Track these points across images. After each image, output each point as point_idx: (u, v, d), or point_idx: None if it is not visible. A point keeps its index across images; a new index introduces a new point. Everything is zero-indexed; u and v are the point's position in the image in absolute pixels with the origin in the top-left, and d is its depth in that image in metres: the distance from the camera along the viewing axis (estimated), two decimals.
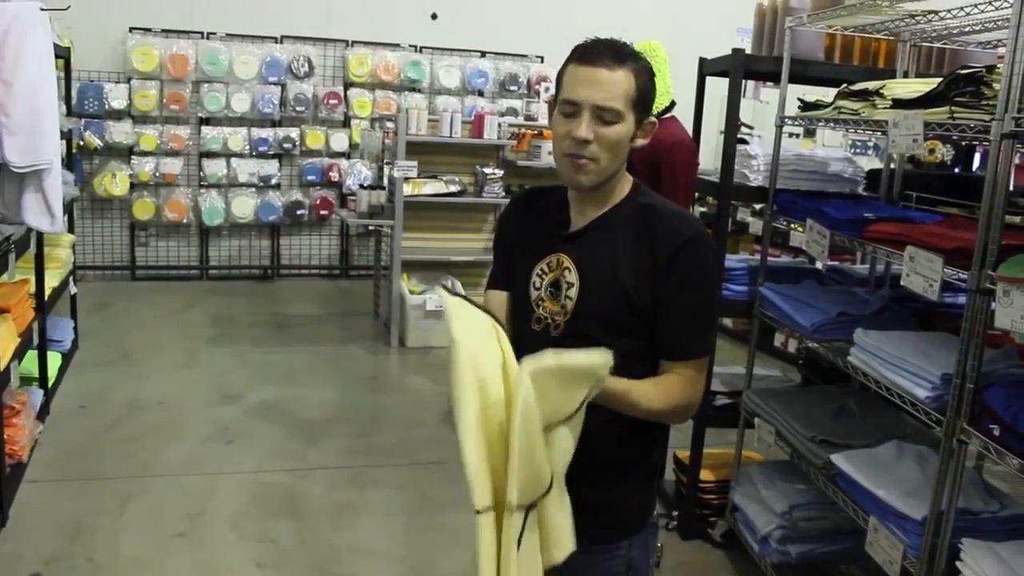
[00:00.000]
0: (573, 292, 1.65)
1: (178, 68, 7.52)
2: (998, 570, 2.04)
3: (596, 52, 1.60)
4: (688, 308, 1.63)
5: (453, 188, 6.33)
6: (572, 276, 1.66)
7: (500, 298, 1.83)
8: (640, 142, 1.67)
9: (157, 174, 7.69)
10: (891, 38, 3.40)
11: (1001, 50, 3.20)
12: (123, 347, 5.80)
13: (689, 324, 1.64)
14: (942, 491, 2.21)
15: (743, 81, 3.52)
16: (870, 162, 5.33)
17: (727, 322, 6.42)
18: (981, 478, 2.54)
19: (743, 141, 3.74)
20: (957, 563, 2.15)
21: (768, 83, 6.55)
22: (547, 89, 7.10)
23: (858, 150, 7.35)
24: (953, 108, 2.25)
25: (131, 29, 7.60)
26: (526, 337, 1.70)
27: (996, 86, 2.07)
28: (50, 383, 4.61)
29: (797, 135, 7.64)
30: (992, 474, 2.88)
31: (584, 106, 1.58)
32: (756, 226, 6.81)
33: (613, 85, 1.58)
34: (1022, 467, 1.93)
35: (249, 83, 7.80)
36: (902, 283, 2.37)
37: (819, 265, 3.81)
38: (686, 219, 1.67)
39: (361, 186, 6.74)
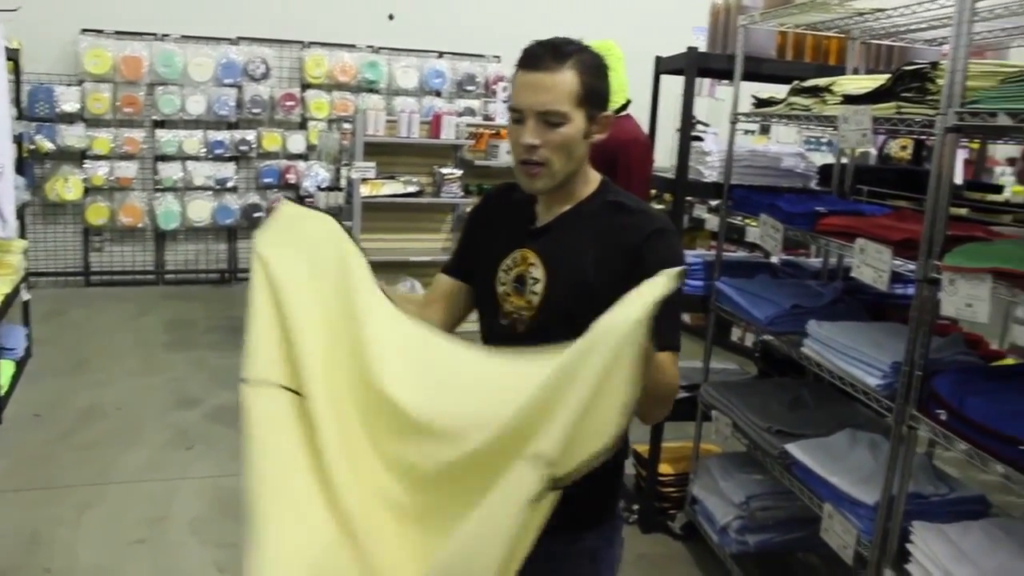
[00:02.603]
0: (539, 287, 1.64)
1: (131, 70, 7.41)
2: (946, 550, 2.09)
3: (537, 55, 1.59)
4: None
5: (411, 189, 6.30)
6: (538, 271, 1.66)
7: (444, 282, 1.85)
8: (597, 137, 1.66)
9: (111, 178, 7.57)
10: (841, 36, 3.47)
11: (945, 47, 3.28)
12: (78, 354, 5.71)
13: (661, 313, 1.61)
14: (893, 476, 2.26)
15: (699, 79, 3.56)
16: (824, 158, 5.40)
17: (685, 317, 6.49)
18: (931, 463, 2.61)
19: (698, 138, 3.79)
20: (908, 545, 2.20)
21: (724, 81, 6.63)
22: (504, 89, 7.11)
23: (812, 146, 7.45)
24: (900, 103, 2.31)
25: (83, 31, 7.48)
26: (494, 332, 1.72)
27: (940, 82, 2.12)
28: (3, 392, 4.53)
29: (753, 132, 7.72)
30: (943, 460, 2.95)
31: (527, 112, 1.59)
32: (712, 223, 6.89)
33: (555, 87, 1.57)
34: (969, 451, 1.99)
35: (204, 85, 7.70)
36: (852, 274, 2.42)
37: (774, 259, 3.88)
38: (653, 214, 1.67)
39: (319, 188, 6.70)
